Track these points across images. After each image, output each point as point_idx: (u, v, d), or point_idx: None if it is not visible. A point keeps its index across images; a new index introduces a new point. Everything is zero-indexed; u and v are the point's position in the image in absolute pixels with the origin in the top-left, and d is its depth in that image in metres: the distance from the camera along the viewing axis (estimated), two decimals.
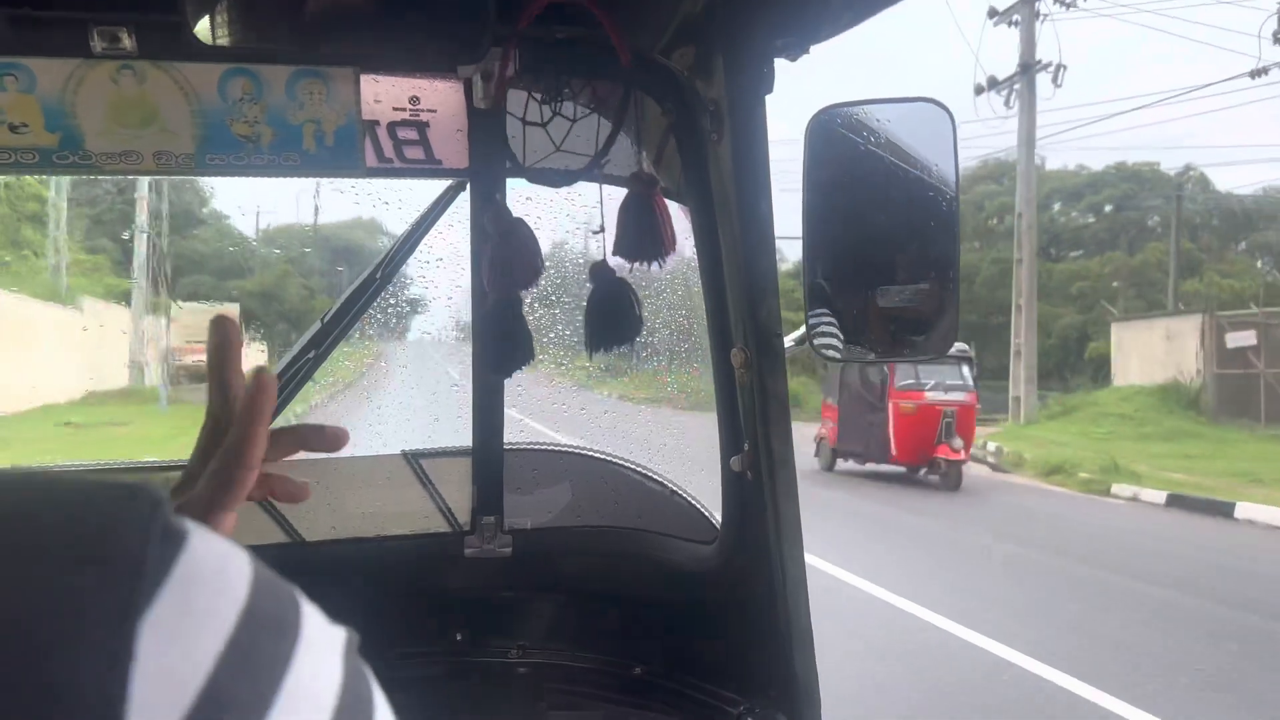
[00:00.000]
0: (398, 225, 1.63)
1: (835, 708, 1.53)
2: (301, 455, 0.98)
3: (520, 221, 1.44)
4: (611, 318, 1.48)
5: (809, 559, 1.44)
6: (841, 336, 1.44)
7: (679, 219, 1.51)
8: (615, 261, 1.47)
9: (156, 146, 1.40)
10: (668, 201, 1.45)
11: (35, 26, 1.33)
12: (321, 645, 0.41)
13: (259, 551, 0.42)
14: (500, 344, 1.48)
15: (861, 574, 8.98)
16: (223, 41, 1.20)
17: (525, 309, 1.49)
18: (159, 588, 0.36)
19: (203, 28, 1.18)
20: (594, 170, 1.43)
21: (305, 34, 1.31)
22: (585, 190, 1.59)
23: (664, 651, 1.76)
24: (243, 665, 0.36)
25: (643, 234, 1.41)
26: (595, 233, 1.45)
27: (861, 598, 8.29)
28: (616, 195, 1.46)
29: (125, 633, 0.34)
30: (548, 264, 1.51)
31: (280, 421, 1.77)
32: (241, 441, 0.82)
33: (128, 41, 1.32)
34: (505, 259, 1.43)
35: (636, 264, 1.43)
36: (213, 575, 0.38)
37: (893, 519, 13.06)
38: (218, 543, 0.39)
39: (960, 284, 1.42)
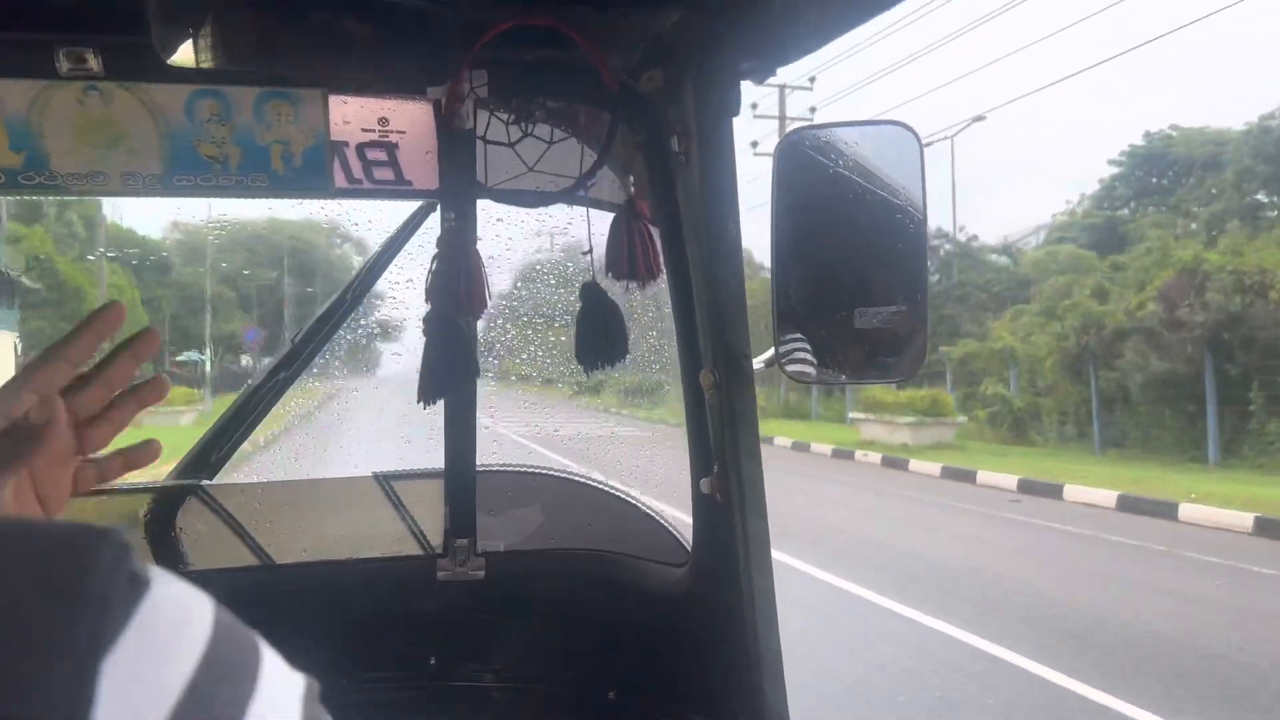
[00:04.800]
0: (369, 247, 1.62)
1: None
2: (271, 477, 0.98)
3: (473, 248, 1.44)
4: (602, 336, 1.49)
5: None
6: (814, 359, 1.44)
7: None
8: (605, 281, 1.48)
9: (124, 167, 1.39)
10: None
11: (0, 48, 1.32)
12: (280, 691, 0.41)
13: (228, 575, 0.43)
14: (434, 366, 1.47)
15: None
16: (189, 62, 1.19)
17: (489, 328, 1.48)
18: (123, 629, 0.37)
19: (169, 49, 1.18)
20: (572, 193, 1.43)
21: (273, 55, 1.31)
22: (555, 210, 1.60)
23: (637, 675, 1.74)
24: (201, 708, 0.37)
25: (637, 258, 1.43)
26: (583, 254, 1.46)
27: None
28: (586, 216, 1.46)
29: (88, 671, 0.35)
30: (519, 284, 1.51)
31: (254, 438, 1.75)
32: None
33: (94, 62, 1.32)
34: (452, 281, 1.42)
35: (631, 284, 1.45)
36: (175, 619, 0.39)
37: None
38: (181, 588, 0.40)
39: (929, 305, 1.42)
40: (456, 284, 1.42)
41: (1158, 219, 30.74)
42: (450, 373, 1.47)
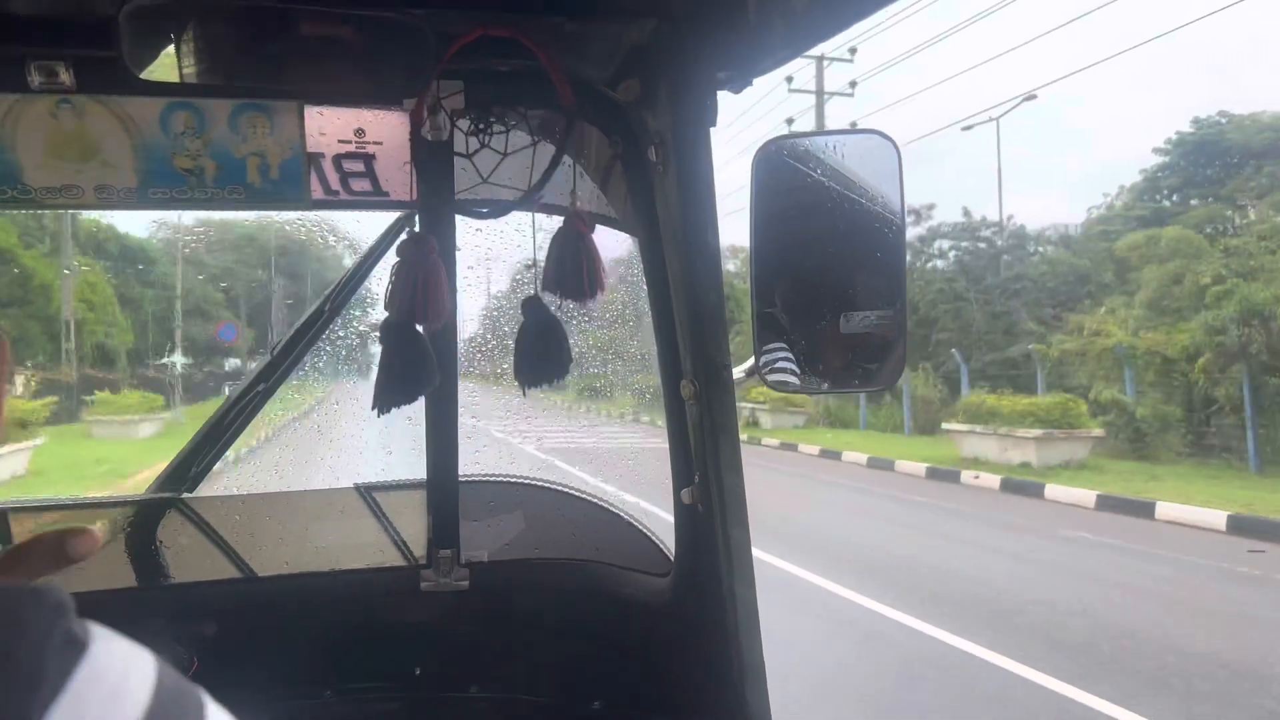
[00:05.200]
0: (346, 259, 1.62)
1: None
2: (253, 489, 0.97)
3: (435, 256, 1.41)
4: (541, 353, 1.46)
5: None
6: (796, 368, 1.43)
7: (629, 249, 1.51)
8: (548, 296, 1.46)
9: (98, 181, 1.38)
10: (613, 232, 1.45)
11: None
12: None
13: (209, 588, 0.42)
14: (389, 375, 1.45)
15: None
16: (162, 76, 1.19)
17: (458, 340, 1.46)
18: (57, 697, 0.36)
19: (138, 62, 1.17)
20: (532, 202, 1.42)
21: (248, 67, 1.30)
22: (541, 222, 1.59)
23: (621, 686, 1.74)
24: None
25: (569, 271, 1.40)
26: (528, 266, 1.44)
27: None
28: (556, 225, 1.45)
29: None
30: (498, 294, 1.50)
31: (232, 454, 1.75)
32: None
33: (65, 76, 1.31)
34: (411, 290, 1.40)
35: (565, 300, 1.42)
36: (112, 684, 0.38)
37: None
38: (121, 648, 0.39)
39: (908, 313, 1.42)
40: (415, 292, 1.40)
41: (1209, 211, 28.14)
42: (405, 382, 1.45)
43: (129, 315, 24.48)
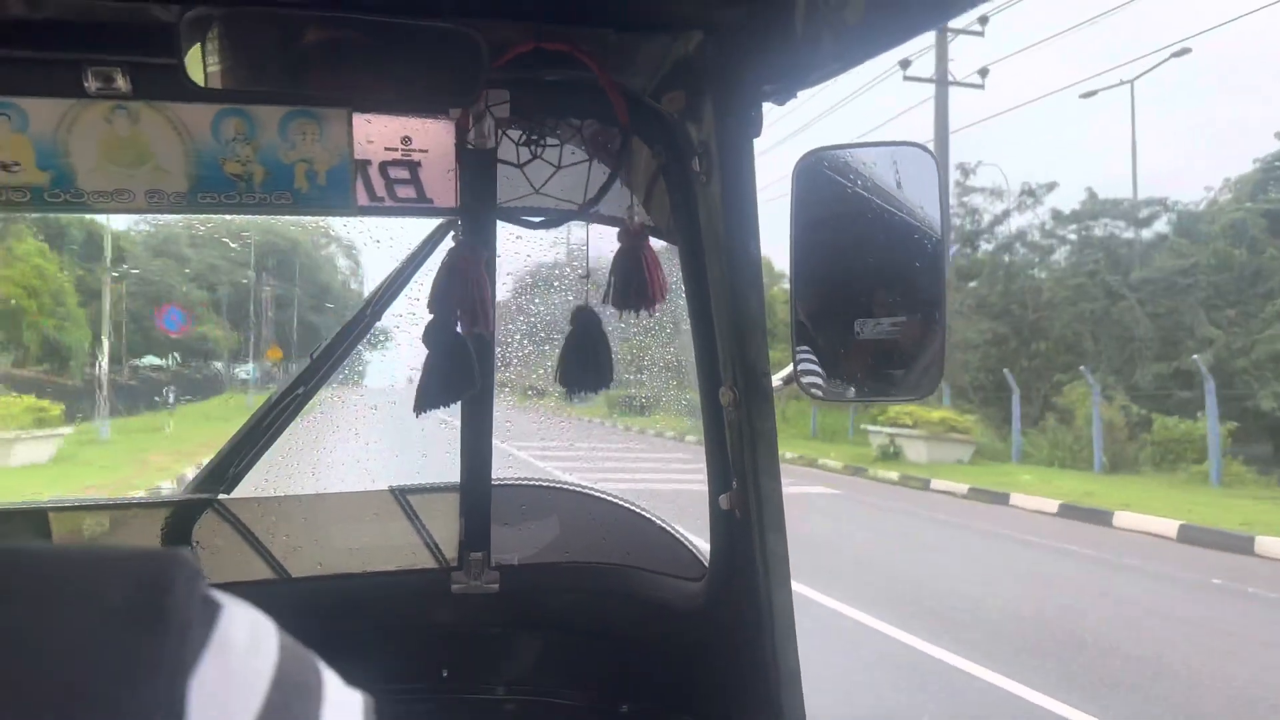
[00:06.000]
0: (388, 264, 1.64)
1: None
2: (285, 491, 0.99)
3: (481, 264, 1.45)
4: (586, 362, 1.49)
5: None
6: (824, 374, 1.45)
7: (669, 259, 1.53)
8: (602, 307, 1.48)
9: (149, 185, 1.41)
10: (657, 243, 1.47)
11: (29, 67, 1.34)
12: (344, 708, 0.44)
13: (244, 588, 0.45)
14: (432, 377, 1.48)
15: None
16: (216, 83, 1.21)
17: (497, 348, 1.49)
18: (203, 650, 0.39)
19: (196, 69, 1.19)
20: (584, 213, 1.44)
21: (298, 75, 1.33)
22: (577, 230, 1.61)
23: (651, 689, 1.75)
24: None
25: (634, 285, 1.43)
26: (582, 277, 1.46)
27: None
28: (603, 235, 1.47)
29: (178, 691, 0.37)
30: (538, 302, 1.52)
31: (268, 457, 1.76)
32: None
33: (122, 82, 1.33)
34: (457, 295, 1.43)
35: (626, 312, 1.45)
36: (247, 642, 0.41)
37: None
38: (249, 612, 0.42)
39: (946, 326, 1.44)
40: (463, 297, 1.43)
41: None
42: (448, 384, 1.48)
43: (89, 310, 21.19)
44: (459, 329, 1.46)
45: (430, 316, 1.47)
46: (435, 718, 1.77)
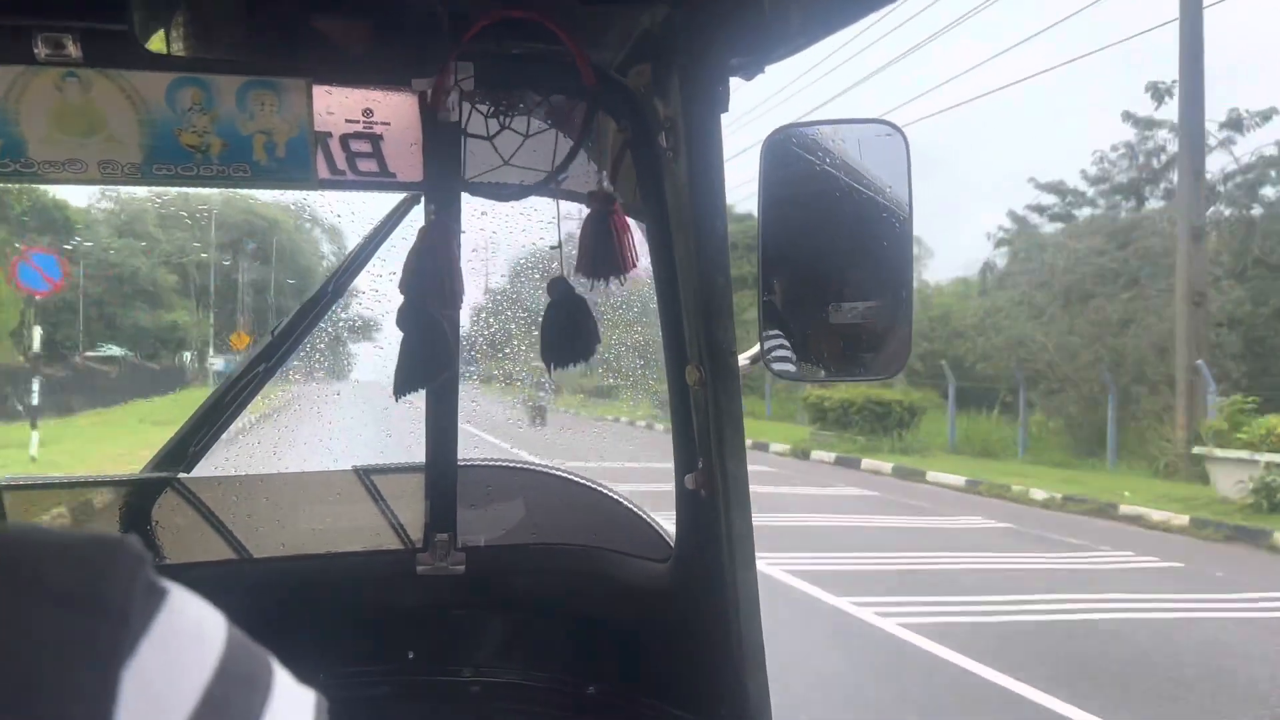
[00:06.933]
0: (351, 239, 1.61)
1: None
2: (248, 470, 0.97)
3: (455, 241, 1.42)
4: (569, 333, 1.47)
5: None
6: (794, 355, 1.45)
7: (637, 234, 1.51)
8: (576, 278, 1.46)
9: (102, 155, 1.37)
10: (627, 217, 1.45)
11: None
12: (291, 705, 0.43)
13: (204, 569, 0.44)
14: (410, 359, 1.46)
15: None
16: (171, 50, 1.18)
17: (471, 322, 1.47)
18: (141, 638, 0.38)
19: (149, 36, 1.16)
20: (550, 186, 1.42)
21: (257, 44, 1.30)
22: (543, 205, 1.59)
23: (618, 670, 1.74)
24: (216, 717, 0.39)
25: (604, 252, 1.41)
26: (552, 248, 1.44)
27: None
28: (571, 210, 1.45)
29: (110, 678, 0.36)
30: (504, 277, 1.50)
31: (228, 436, 1.73)
32: None
33: (73, 49, 1.29)
34: (432, 275, 1.41)
35: (597, 281, 1.43)
36: (191, 631, 0.40)
37: None
38: (195, 602, 0.42)
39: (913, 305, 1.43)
40: (436, 277, 1.41)
41: None
42: (426, 366, 1.46)
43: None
44: (435, 309, 1.44)
45: (401, 299, 1.44)
46: (400, 700, 1.76)
